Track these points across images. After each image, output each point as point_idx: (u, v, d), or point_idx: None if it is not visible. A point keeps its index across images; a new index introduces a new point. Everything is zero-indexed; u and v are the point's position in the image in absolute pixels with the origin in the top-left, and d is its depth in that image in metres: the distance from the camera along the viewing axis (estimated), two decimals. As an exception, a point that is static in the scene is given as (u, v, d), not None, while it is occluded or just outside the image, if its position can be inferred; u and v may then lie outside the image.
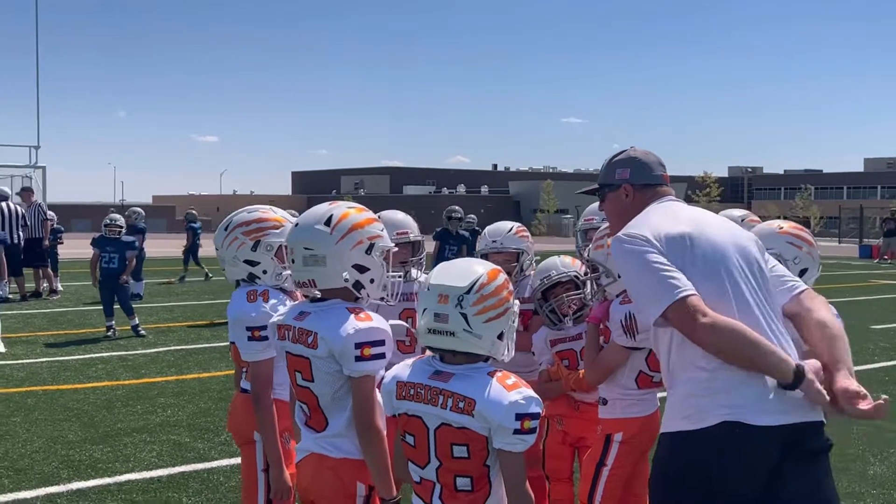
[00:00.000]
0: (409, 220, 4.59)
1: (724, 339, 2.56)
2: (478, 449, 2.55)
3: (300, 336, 2.95)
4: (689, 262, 2.66)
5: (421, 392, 2.61)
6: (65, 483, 5.74)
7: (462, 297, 2.57)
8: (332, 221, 2.98)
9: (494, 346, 2.61)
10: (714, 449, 2.60)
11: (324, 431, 2.98)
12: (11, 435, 6.88)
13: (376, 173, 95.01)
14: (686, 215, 2.86)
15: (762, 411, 2.58)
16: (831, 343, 2.69)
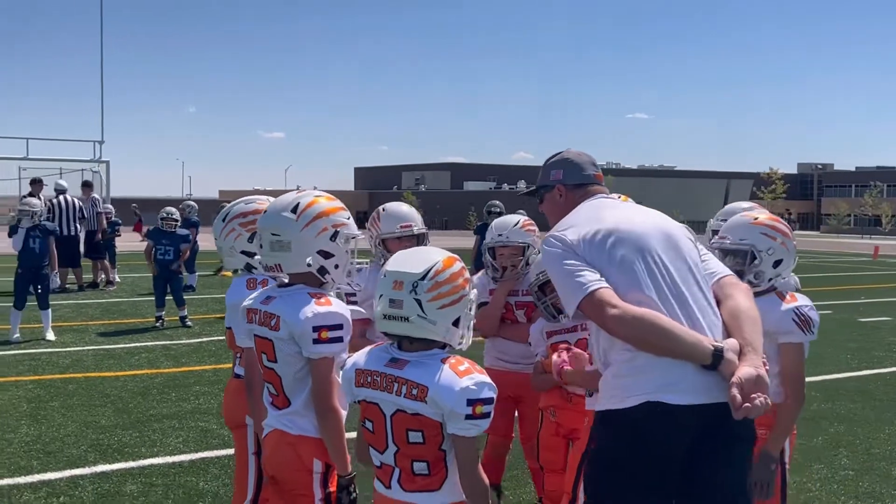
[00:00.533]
0: (413, 213, 4.65)
1: (633, 329, 2.68)
2: (432, 435, 2.59)
3: (265, 319, 3.04)
4: (607, 259, 2.81)
5: (377, 379, 2.66)
6: (90, 466, 5.92)
7: (416, 283, 2.61)
8: (298, 209, 3.06)
9: (449, 333, 2.65)
10: (632, 427, 2.72)
11: (285, 409, 3.08)
12: (48, 419, 7.11)
13: (437, 169, 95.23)
14: (609, 213, 2.98)
15: (682, 390, 2.67)
16: (742, 326, 2.76)
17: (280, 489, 3.14)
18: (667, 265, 2.82)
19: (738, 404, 2.53)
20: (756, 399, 2.54)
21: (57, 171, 29.77)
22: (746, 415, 2.53)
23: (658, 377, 2.68)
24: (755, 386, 2.56)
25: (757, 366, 2.61)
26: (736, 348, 2.68)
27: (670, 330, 2.68)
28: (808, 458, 6.39)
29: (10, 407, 7.49)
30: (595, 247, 2.83)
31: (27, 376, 8.77)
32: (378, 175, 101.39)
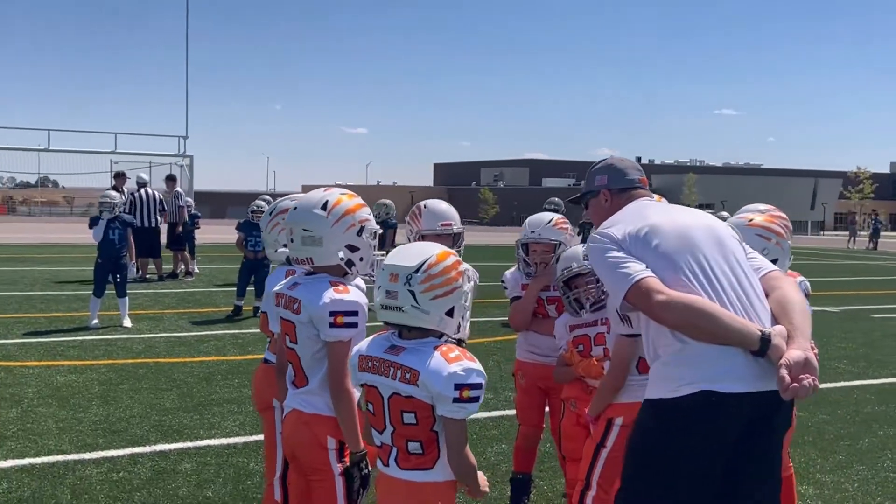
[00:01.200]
0: (452, 212, 4.81)
1: (680, 313, 2.75)
2: (424, 416, 2.79)
3: (289, 303, 3.30)
4: (652, 252, 2.90)
5: (376, 364, 2.87)
6: (151, 444, 6.29)
7: (411, 275, 2.81)
8: (327, 206, 3.30)
9: (443, 322, 2.84)
10: (685, 417, 2.77)
11: (301, 389, 3.33)
12: (116, 400, 7.53)
13: (516, 165, 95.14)
14: (653, 212, 3.10)
15: (734, 378, 2.73)
16: (790, 314, 2.82)
17: (299, 466, 3.38)
18: (712, 259, 2.90)
19: (786, 385, 2.58)
20: (804, 380, 2.59)
21: (145, 165, 30.95)
22: (794, 395, 2.59)
23: (710, 366, 2.74)
24: (803, 368, 2.61)
25: (805, 349, 2.67)
26: (784, 334, 2.74)
27: (717, 315, 2.74)
28: (851, 458, 6.39)
29: (83, 388, 7.94)
30: (640, 241, 2.93)
31: (102, 360, 9.26)
32: (457, 171, 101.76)
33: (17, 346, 9.91)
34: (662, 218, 3.01)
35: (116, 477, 5.58)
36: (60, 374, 8.50)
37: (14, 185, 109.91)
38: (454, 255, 2.94)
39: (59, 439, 6.35)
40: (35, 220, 53.17)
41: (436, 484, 2.84)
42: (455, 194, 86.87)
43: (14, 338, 10.46)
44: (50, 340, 10.33)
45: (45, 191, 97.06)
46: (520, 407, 5.13)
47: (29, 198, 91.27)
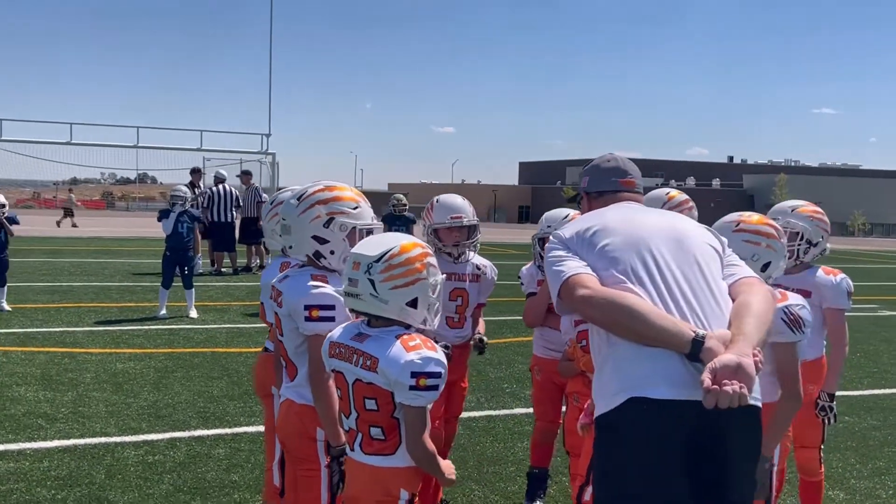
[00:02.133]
0: (465, 205, 4.85)
1: (602, 309, 2.58)
2: (384, 403, 2.84)
3: (276, 296, 3.39)
4: (596, 252, 2.75)
5: (343, 351, 2.93)
6: (190, 430, 6.50)
7: (371, 265, 2.86)
8: (302, 196, 3.36)
9: (404, 312, 2.88)
10: (621, 429, 2.58)
11: (294, 381, 3.39)
12: (167, 387, 7.80)
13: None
14: (614, 213, 2.93)
15: (665, 382, 2.51)
16: (741, 318, 2.59)
17: (289, 454, 3.47)
18: (667, 261, 2.71)
19: (706, 388, 2.34)
20: (727, 386, 2.34)
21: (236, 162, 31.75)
22: (714, 402, 2.34)
23: (636, 370, 2.55)
24: (733, 374, 2.36)
25: (742, 354, 2.41)
26: (725, 338, 2.50)
27: (644, 313, 2.54)
28: (891, 465, 6.20)
29: (138, 375, 8.25)
30: (586, 241, 2.79)
31: (162, 349, 9.58)
32: (542, 170, 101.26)
33: (85, 334, 10.33)
34: (619, 218, 2.86)
35: (152, 459, 5.79)
36: (120, 361, 8.84)
37: (115, 181, 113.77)
38: (423, 247, 2.96)
39: (106, 422, 6.61)
40: (129, 215, 55.09)
41: (397, 469, 2.89)
42: (540, 193, 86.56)
43: (85, 326, 10.91)
44: (117, 329, 10.73)
45: (143, 186, 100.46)
46: (536, 402, 5.15)
47: (127, 193, 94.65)
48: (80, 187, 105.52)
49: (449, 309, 4.69)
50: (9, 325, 10.76)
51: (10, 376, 7.99)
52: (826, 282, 4.30)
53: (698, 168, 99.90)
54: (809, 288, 4.31)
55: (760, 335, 2.55)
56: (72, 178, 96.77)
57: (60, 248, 23.28)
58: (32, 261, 19.12)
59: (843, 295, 4.29)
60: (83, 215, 49.32)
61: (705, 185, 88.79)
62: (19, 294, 13.52)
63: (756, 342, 2.51)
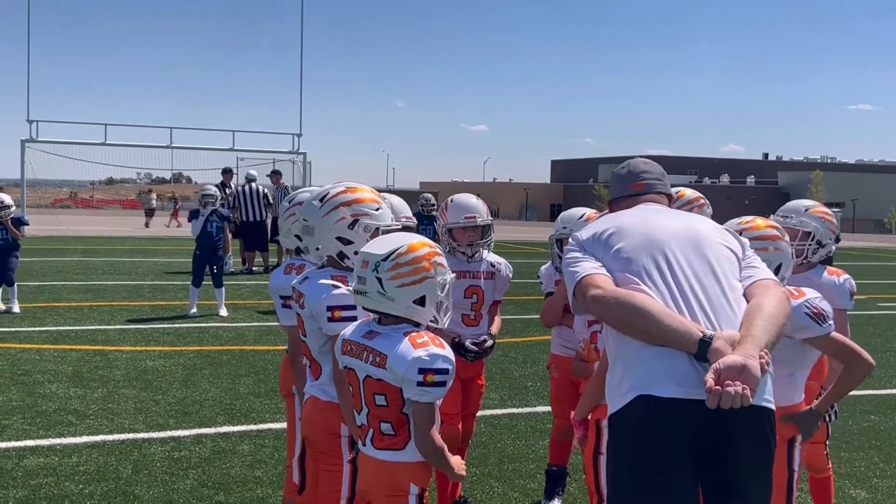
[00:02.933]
0: (479, 205, 4.87)
1: (613, 309, 2.62)
2: (394, 399, 2.90)
3: (298, 297, 3.44)
4: (611, 254, 2.80)
5: (354, 348, 3.00)
6: (216, 426, 6.61)
7: (379, 263, 2.92)
8: (325, 198, 3.42)
9: (411, 310, 2.94)
10: (630, 427, 2.61)
11: (318, 379, 3.45)
12: (195, 384, 7.92)
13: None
14: (630, 215, 2.98)
15: (672, 382, 2.54)
16: (751, 320, 2.60)
17: (313, 450, 3.54)
18: (680, 262, 2.74)
19: (708, 388, 2.39)
20: (729, 387, 2.37)
21: (267, 162, 32.06)
22: (717, 402, 2.37)
23: (645, 369, 2.59)
24: (738, 375, 2.39)
25: (749, 356, 2.44)
26: (733, 339, 2.51)
27: (654, 313, 2.57)
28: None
29: (167, 372, 8.38)
30: (601, 242, 2.84)
31: (191, 346, 9.73)
32: (574, 168, 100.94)
33: (117, 332, 10.51)
34: (635, 220, 2.90)
35: (178, 455, 5.90)
36: (150, 359, 8.99)
37: (151, 181, 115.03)
38: (431, 246, 3.01)
39: (134, 419, 6.74)
40: (164, 214, 55.69)
41: (407, 464, 2.95)
42: (572, 191, 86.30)
43: (116, 324, 11.09)
44: (147, 327, 10.90)
45: (178, 186, 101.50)
46: (553, 399, 5.19)
47: (162, 193, 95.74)
48: (117, 187, 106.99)
49: (464, 307, 4.74)
50: (43, 322, 10.98)
51: (42, 373, 8.17)
52: (830, 282, 4.30)
53: (732, 165, 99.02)
54: (813, 288, 4.30)
55: (769, 337, 2.57)
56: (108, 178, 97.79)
57: (95, 248, 23.62)
58: (68, 260, 19.46)
59: (844, 295, 4.30)
60: (119, 214, 49.97)
61: (739, 182, 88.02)
62: (54, 293, 13.78)
63: (764, 344, 2.53)
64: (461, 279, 4.70)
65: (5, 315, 11.38)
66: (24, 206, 28.96)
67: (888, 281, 21.48)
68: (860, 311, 13.50)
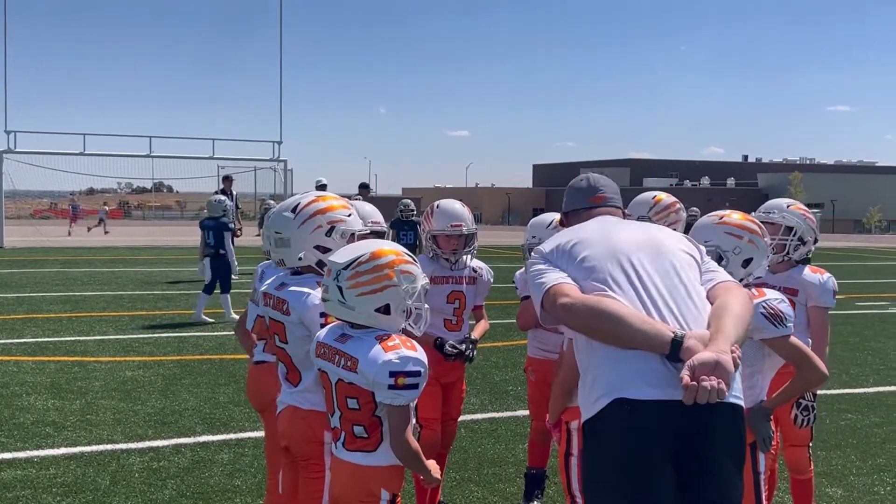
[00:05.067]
0: (465, 213, 4.85)
1: (583, 316, 2.64)
2: (366, 402, 2.90)
3: (277, 304, 3.41)
4: (576, 264, 2.82)
5: (326, 352, 3.00)
6: (195, 436, 6.58)
7: (339, 272, 2.93)
8: (297, 208, 3.42)
9: (373, 318, 2.94)
10: (606, 432, 2.62)
11: (297, 386, 3.43)
12: (174, 394, 7.89)
13: (617, 165, 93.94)
14: (591, 226, 3.02)
15: (647, 384, 2.55)
16: (720, 318, 2.64)
17: (293, 459, 3.52)
18: (645, 268, 2.77)
19: (684, 384, 2.42)
20: (704, 382, 2.41)
21: (248, 170, 31.99)
22: (693, 398, 2.41)
23: (619, 372, 2.60)
24: (712, 370, 2.43)
25: (721, 351, 2.48)
26: (704, 337, 2.55)
27: (624, 317, 2.59)
28: (891, 462, 6.20)
29: (146, 383, 8.35)
30: (566, 254, 2.86)
31: (171, 356, 9.69)
32: (556, 172, 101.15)
33: (96, 343, 10.45)
34: (597, 231, 2.94)
35: (156, 465, 5.87)
36: (129, 369, 8.95)
37: (131, 191, 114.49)
38: (396, 254, 3.00)
39: (113, 430, 6.71)
40: (146, 224, 55.45)
41: (379, 468, 2.95)
42: (554, 195, 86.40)
43: (95, 335, 11.03)
44: (127, 337, 10.85)
45: (160, 195, 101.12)
46: (531, 402, 5.21)
47: (144, 202, 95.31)
48: (97, 197, 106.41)
49: (447, 312, 4.75)
50: (21, 335, 10.91)
51: (20, 385, 8.11)
52: (813, 279, 4.33)
53: (713, 167, 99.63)
54: (796, 286, 4.34)
55: (738, 333, 2.61)
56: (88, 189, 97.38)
57: (75, 259, 23.49)
58: (47, 271, 19.36)
59: (828, 293, 4.33)
60: (99, 225, 49.68)
61: (720, 184, 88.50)
62: (33, 304, 13.69)
63: (734, 339, 2.57)
64: (444, 285, 4.72)
65: (-18, 327, 11.31)
66: (3, 217, 28.78)
67: (867, 280, 21.67)
68: (839, 310, 13.59)
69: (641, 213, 4.85)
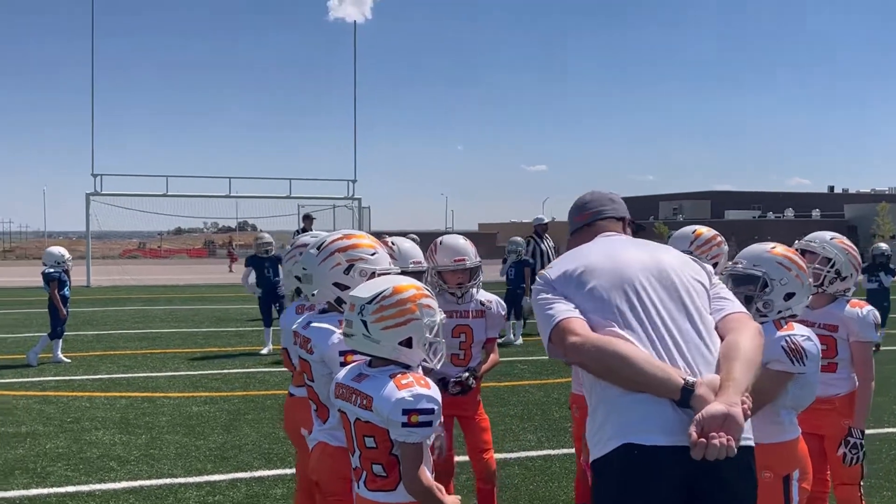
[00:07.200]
0: (468, 247, 4.95)
1: (593, 357, 2.59)
2: (382, 440, 2.93)
3: (303, 343, 3.50)
4: (584, 294, 2.76)
5: (344, 391, 3.05)
6: (252, 471, 6.70)
7: (364, 306, 2.98)
8: (322, 246, 3.52)
9: (397, 352, 2.98)
10: (616, 474, 2.57)
11: (326, 424, 3.50)
12: (236, 429, 8.03)
13: (697, 198, 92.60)
14: (597, 248, 2.95)
15: (657, 429, 2.51)
16: (730, 363, 2.58)
17: (322, 494, 3.58)
18: (653, 301, 2.70)
19: (693, 441, 2.38)
20: (714, 439, 2.37)
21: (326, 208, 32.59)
22: (702, 455, 2.38)
23: (629, 417, 2.55)
24: (721, 424, 2.38)
25: (731, 403, 2.42)
26: (715, 384, 2.49)
27: (635, 360, 2.54)
28: None
29: (211, 418, 8.53)
30: (573, 282, 2.79)
31: (237, 392, 9.89)
32: (634, 205, 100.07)
33: (167, 379, 10.73)
34: (602, 255, 2.86)
35: (211, 500, 5.99)
36: (196, 405, 9.16)
37: (217, 230, 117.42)
38: (417, 289, 3.05)
39: (174, 464, 6.87)
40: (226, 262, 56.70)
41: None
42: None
43: (167, 371, 11.33)
44: (196, 373, 11.12)
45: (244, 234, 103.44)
46: (576, 439, 5.16)
47: (227, 241, 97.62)
48: (184, 237, 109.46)
49: (452, 346, 4.80)
50: (97, 371, 11.27)
51: (90, 420, 8.38)
52: (852, 314, 4.24)
53: (797, 199, 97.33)
54: (836, 322, 4.26)
55: (749, 379, 2.56)
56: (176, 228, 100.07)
57: (156, 297, 24.19)
58: (128, 309, 19.96)
59: (868, 327, 4.22)
60: (184, 263, 51.06)
61: (805, 215, 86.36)
62: (110, 341, 14.14)
63: (744, 388, 2.51)
64: (448, 319, 4.75)
65: (61, 364, 11.72)
66: (90, 257, 29.84)
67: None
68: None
69: (683, 248, 4.80)
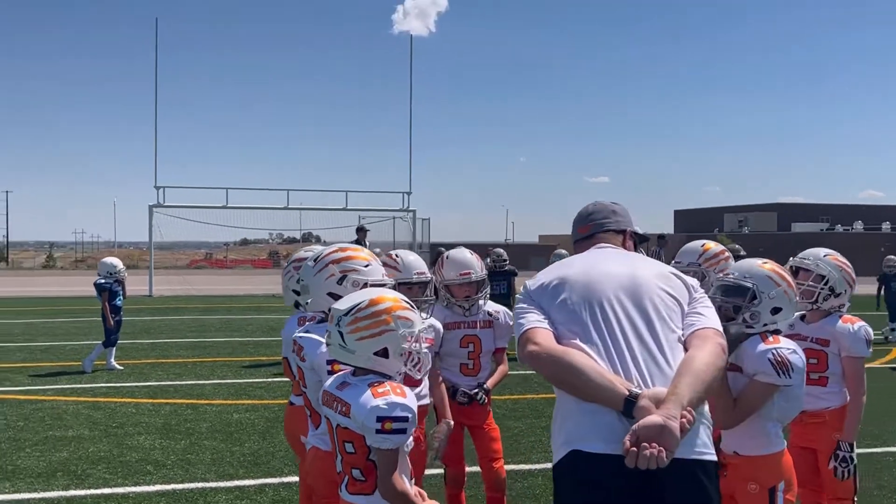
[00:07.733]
0: (473, 261, 5.08)
1: (547, 367, 2.70)
2: (360, 446, 3.07)
3: (298, 350, 3.67)
4: (556, 306, 2.86)
5: (329, 399, 3.20)
6: (280, 476, 6.89)
7: (340, 318, 3.12)
8: (318, 258, 3.68)
9: (373, 362, 3.11)
10: (566, 482, 2.66)
11: (318, 429, 3.65)
12: (271, 436, 8.25)
13: (763, 210, 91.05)
14: (579, 260, 3.03)
15: (600, 438, 2.57)
16: (679, 376, 2.60)
17: (316, 497, 3.74)
18: (616, 312, 2.77)
19: (625, 450, 2.43)
20: (645, 450, 2.40)
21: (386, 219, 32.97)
22: (634, 463, 2.41)
23: (577, 425, 2.64)
24: (657, 435, 2.41)
25: (669, 416, 2.44)
26: (658, 397, 2.52)
27: (584, 371, 2.61)
28: None
29: (249, 425, 8.77)
30: (548, 294, 2.89)
31: (278, 400, 10.11)
32: (698, 217, 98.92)
33: (213, 387, 11.04)
34: (580, 269, 2.94)
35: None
36: (237, 412, 9.41)
37: (282, 241, 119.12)
38: (395, 301, 3.16)
39: (208, 469, 7.10)
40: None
41: (376, 510, 3.10)
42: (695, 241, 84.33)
43: (214, 379, 11.65)
44: (241, 381, 11.41)
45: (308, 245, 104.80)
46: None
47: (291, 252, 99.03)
48: (250, 247, 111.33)
49: (461, 356, 4.94)
50: (147, 378, 11.63)
51: (134, 426, 8.68)
52: (844, 330, 4.25)
53: (867, 211, 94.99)
54: (827, 336, 4.28)
55: (694, 394, 2.55)
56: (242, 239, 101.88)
57: (214, 306, 24.71)
58: (185, 318, 20.47)
59: (860, 342, 4.23)
60: (247, 273, 51.95)
61: (874, 228, 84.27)
62: (164, 349, 14.55)
63: (687, 402, 2.52)
64: (456, 330, 4.90)
65: (113, 372, 12.13)
66: (152, 267, 30.64)
67: None
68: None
69: (691, 261, 4.86)
